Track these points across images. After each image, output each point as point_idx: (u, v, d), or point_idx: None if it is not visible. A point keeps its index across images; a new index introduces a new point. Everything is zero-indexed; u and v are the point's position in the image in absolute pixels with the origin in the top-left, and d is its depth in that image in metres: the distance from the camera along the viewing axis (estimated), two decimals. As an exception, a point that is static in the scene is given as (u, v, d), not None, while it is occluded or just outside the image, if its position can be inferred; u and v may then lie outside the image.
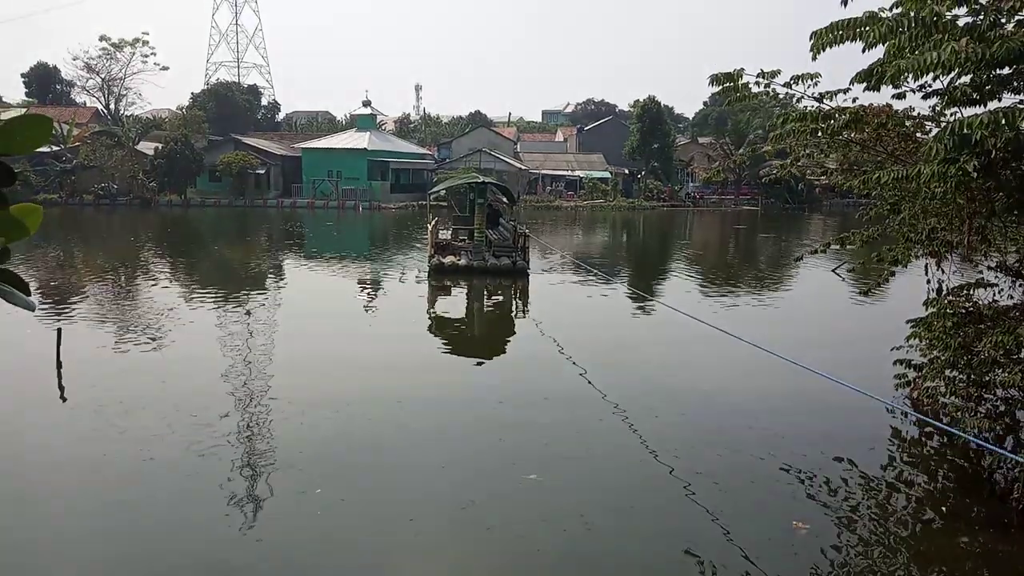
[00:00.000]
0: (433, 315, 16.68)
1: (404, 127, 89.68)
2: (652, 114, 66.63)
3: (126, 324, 14.64)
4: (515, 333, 15.10)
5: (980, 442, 6.95)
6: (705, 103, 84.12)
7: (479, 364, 12.30)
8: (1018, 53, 5.69)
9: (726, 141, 66.41)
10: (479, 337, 14.80)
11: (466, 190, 26.06)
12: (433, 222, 23.68)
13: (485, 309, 17.58)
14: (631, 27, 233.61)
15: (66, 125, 57.23)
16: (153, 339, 13.36)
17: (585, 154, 75.74)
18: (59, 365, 11.05)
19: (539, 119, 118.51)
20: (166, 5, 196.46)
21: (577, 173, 69.34)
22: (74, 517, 6.83)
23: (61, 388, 10.43)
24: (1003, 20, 6.32)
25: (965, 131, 5.68)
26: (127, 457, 8.02)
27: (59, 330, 11.56)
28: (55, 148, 54.99)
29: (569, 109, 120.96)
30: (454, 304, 18.40)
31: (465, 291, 19.48)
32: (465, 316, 16.63)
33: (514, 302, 18.50)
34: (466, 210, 25.51)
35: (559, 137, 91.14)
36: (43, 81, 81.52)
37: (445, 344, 13.65)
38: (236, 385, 10.59)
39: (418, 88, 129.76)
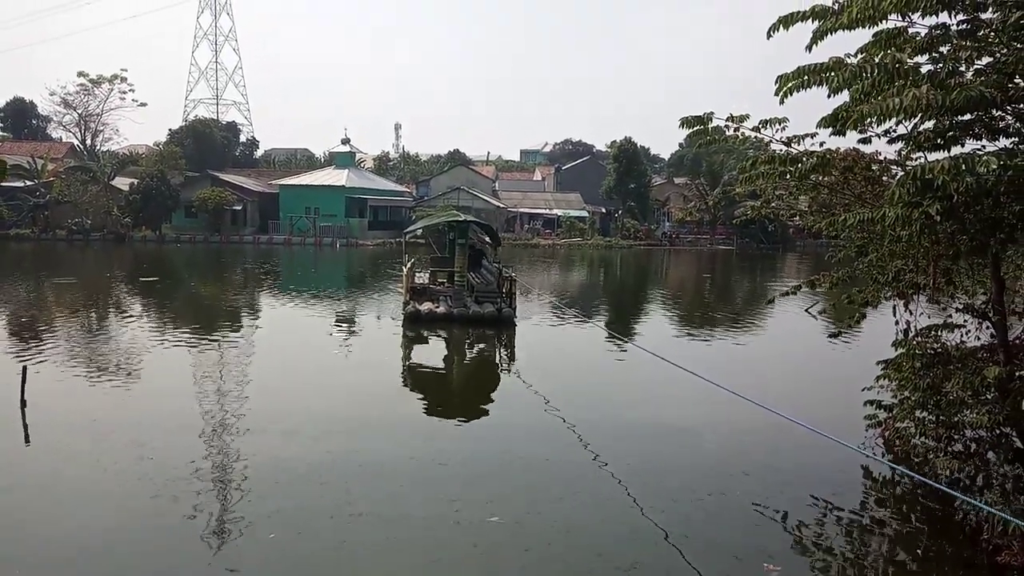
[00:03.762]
0: (407, 371, 14.90)
1: (383, 165, 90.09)
2: (629, 154, 67.60)
3: (95, 363, 14.38)
4: (497, 390, 13.63)
5: (946, 489, 6.98)
6: (681, 144, 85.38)
7: (456, 425, 11.16)
8: (976, 100, 5.83)
9: (701, 182, 67.34)
10: (457, 396, 13.27)
11: (446, 229, 24.59)
12: (409, 264, 21.52)
13: (465, 363, 16.10)
14: (609, 69, 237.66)
15: (40, 160, 56.87)
16: (122, 379, 13.14)
17: (563, 193, 76.46)
18: (23, 404, 10.80)
19: (517, 158, 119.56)
20: (146, 42, 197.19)
21: (555, 211, 69.90)
22: (32, 559, 6.61)
23: (26, 428, 10.18)
24: (962, 68, 6.50)
25: (927, 176, 5.79)
26: (91, 500, 7.84)
27: (24, 368, 11.32)
28: (28, 183, 54.52)
29: (547, 148, 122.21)
30: (431, 358, 16.50)
31: (444, 343, 17.61)
32: (443, 372, 14.95)
33: (498, 355, 16.98)
34: (446, 250, 24.07)
35: (537, 176, 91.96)
36: (19, 116, 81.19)
37: (419, 403, 12.50)
38: (205, 429, 10.40)
39: (397, 127, 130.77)
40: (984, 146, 6.98)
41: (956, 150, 7.01)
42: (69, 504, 7.73)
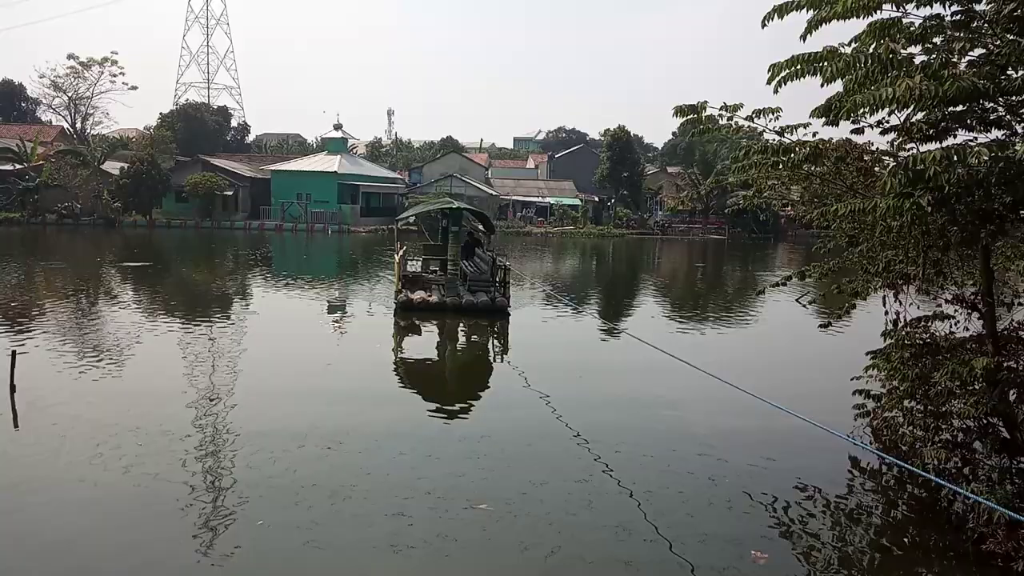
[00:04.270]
0: (399, 362, 14.58)
1: (375, 151, 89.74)
2: (622, 143, 67.67)
3: (85, 348, 14.32)
4: (490, 382, 13.44)
5: (933, 477, 7.03)
6: (674, 133, 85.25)
7: (448, 417, 10.92)
8: (969, 91, 5.83)
9: (694, 171, 67.51)
10: (449, 388, 12.99)
11: (439, 216, 24.24)
12: (401, 252, 21.27)
13: (457, 354, 15.88)
14: (603, 58, 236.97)
15: (30, 143, 56.42)
16: (112, 364, 13.10)
17: (556, 181, 76.43)
18: (12, 389, 10.76)
19: (511, 145, 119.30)
20: (137, 25, 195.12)
21: (547, 200, 69.89)
22: (21, 545, 6.60)
23: (14, 413, 10.14)
24: (955, 59, 6.49)
25: (919, 166, 5.79)
26: (80, 484, 7.81)
27: (13, 353, 11.26)
28: (18, 166, 54.12)
29: (540, 136, 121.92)
30: (423, 349, 16.33)
31: (436, 333, 17.26)
32: (435, 363, 14.75)
33: (491, 345, 16.77)
34: (438, 237, 23.76)
35: (530, 164, 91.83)
36: (7, 98, 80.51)
37: (410, 395, 12.26)
38: (195, 418, 10.38)
39: (390, 112, 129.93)
40: (976, 137, 6.99)
41: (948, 141, 7.03)
42: (58, 490, 7.70)
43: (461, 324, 17.99)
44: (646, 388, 12.81)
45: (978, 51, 6.59)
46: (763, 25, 7.17)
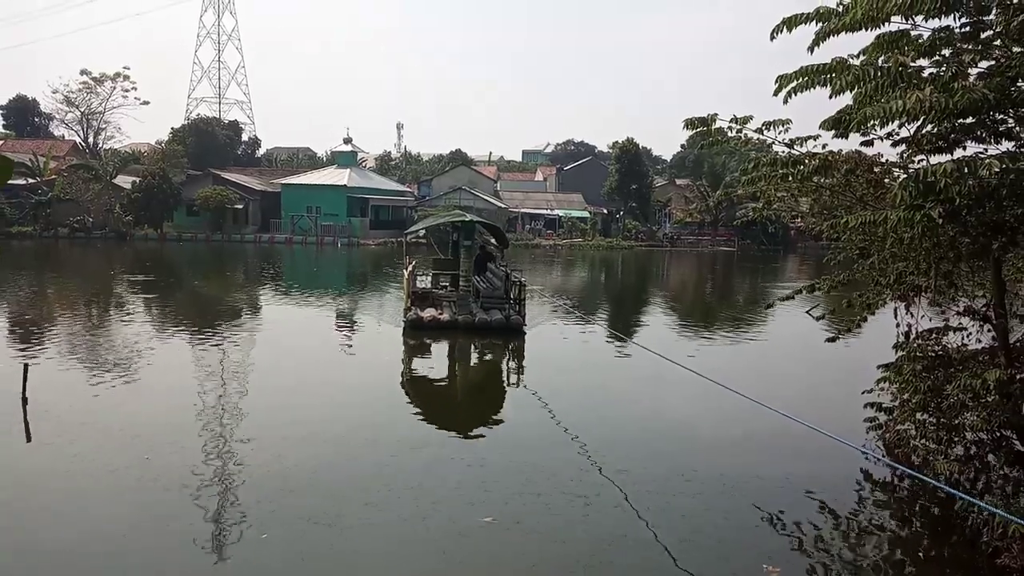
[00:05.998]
0: (407, 384, 13.85)
1: (385, 164, 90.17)
2: (631, 155, 67.71)
3: (97, 361, 14.39)
4: (503, 403, 12.82)
5: (948, 488, 6.98)
6: (683, 145, 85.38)
7: (457, 438, 10.46)
8: (979, 103, 5.83)
9: (703, 183, 67.39)
10: (460, 411, 12.36)
11: (449, 229, 23.52)
12: (410, 267, 20.13)
13: (469, 376, 15.00)
14: (611, 70, 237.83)
15: (43, 158, 56.95)
16: (123, 377, 13.14)
17: (565, 193, 76.54)
18: (24, 401, 10.82)
19: (519, 158, 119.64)
20: (149, 40, 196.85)
21: (556, 212, 69.98)
22: (31, 556, 6.62)
23: (27, 425, 10.20)
24: (966, 70, 6.49)
25: (929, 179, 5.79)
26: (89, 499, 7.85)
27: (25, 366, 11.33)
28: (30, 181, 54.61)
29: (549, 149, 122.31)
30: (433, 370, 15.31)
31: (447, 353, 16.56)
32: (446, 386, 14.00)
33: (506, 366, 15.90)
34: (448, 252, 23.14)
35: (539, 176, 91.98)
36: (21, 114, 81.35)
37: (418, 416, 11.73)
38: (203, 430, 10.41)
39: (399, 126, 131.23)
40: (986, 149, 6.99)
41: (958, 153, 7.02)
42: (68, 503, 7.74)
43: (474, 343, 17.24)
44: (658, 401, 12.76)
45: (987, 63, 6.59)
46: (772, 38, 7.19)
